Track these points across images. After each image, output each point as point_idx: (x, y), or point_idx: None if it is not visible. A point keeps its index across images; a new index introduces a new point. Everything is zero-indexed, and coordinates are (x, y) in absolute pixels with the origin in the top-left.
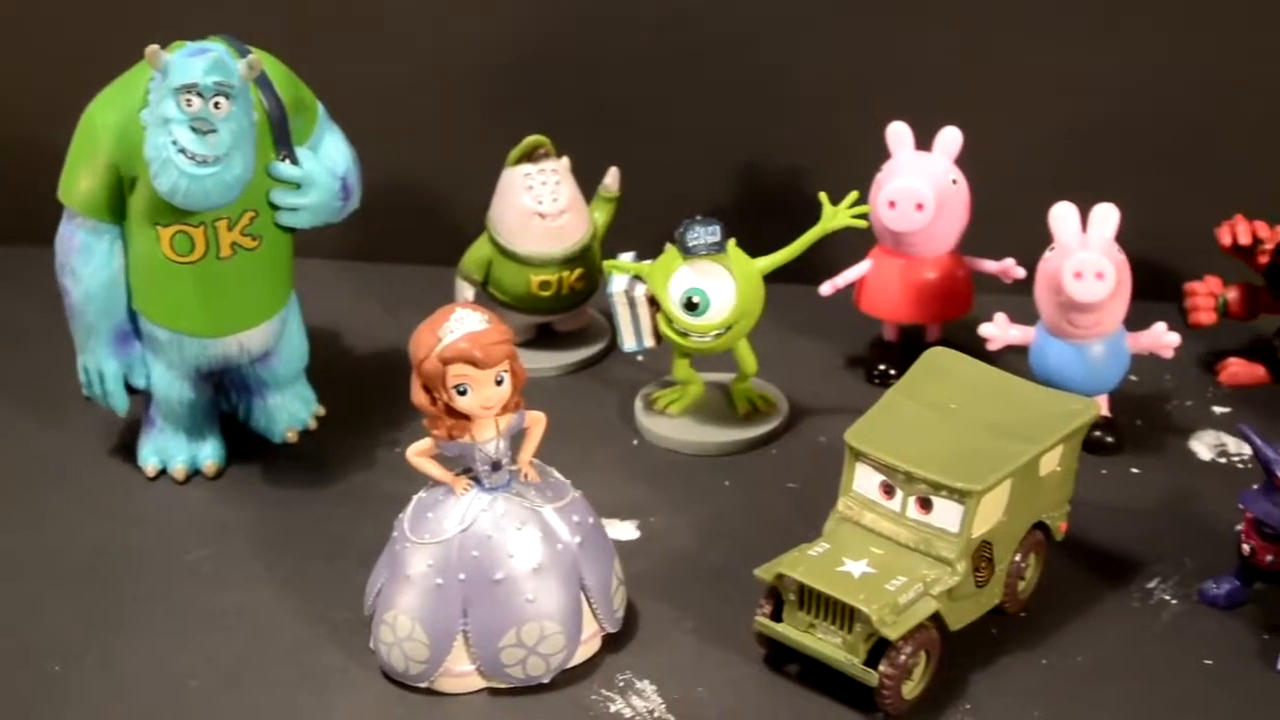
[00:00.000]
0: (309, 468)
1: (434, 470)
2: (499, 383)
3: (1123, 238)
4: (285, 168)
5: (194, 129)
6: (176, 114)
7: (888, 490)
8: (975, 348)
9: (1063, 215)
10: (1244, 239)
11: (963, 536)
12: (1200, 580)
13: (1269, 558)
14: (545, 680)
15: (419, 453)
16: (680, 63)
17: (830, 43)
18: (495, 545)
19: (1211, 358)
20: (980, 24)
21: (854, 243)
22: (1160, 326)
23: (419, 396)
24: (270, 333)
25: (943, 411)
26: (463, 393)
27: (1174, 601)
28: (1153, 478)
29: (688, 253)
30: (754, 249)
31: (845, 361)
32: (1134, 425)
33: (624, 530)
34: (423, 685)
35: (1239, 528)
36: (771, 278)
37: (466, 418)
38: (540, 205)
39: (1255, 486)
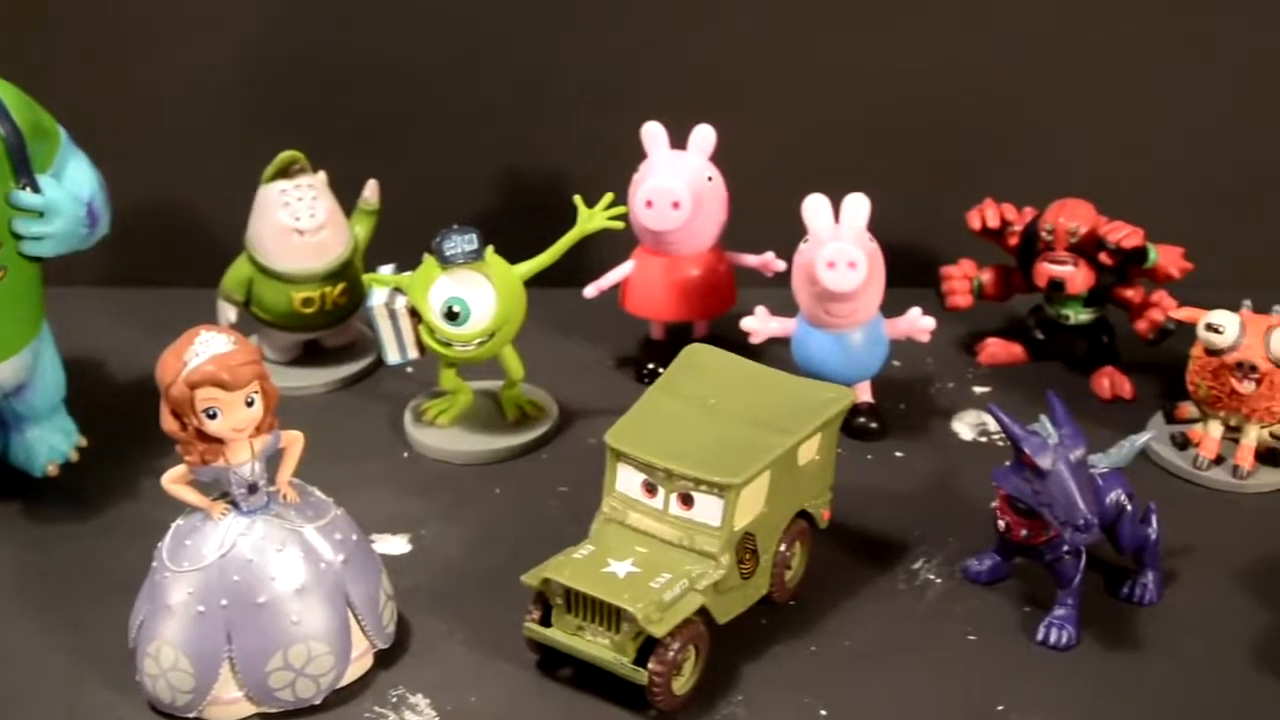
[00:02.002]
0: (72, 501)
1: (190, 497)
2: (250, 404)
3: (877, 226)
4: (26, 196)
5: None
6: None
7: (650, 489)
8: (742, 342)
9: (815, 207)
10: (993, 222)
11: (725, 530)
12: (963, 558)
13: (1023, 532)
14: (316, 701)
15: (173, 480)
16: (435, 71)
17: (583, 45)
18: (256, 569)
19: (970, 339)
20: (731, 22)
21: (618, 243)
22: (915, 311)
23: (168, 423)
24: (21, 366)
25: (701, 407)
26: (212, 416)
27: (938, 580)
28: (916, 460)
29: (446, 262)
30: (516, 255)
31: (615, 362)
32: (897, 409)
33: (395, 544)
34: (191, 715)
35: (994, 504)
36: (535, 282)
37: (219, 441)
38: (298, 221)
39: (1007, 464)
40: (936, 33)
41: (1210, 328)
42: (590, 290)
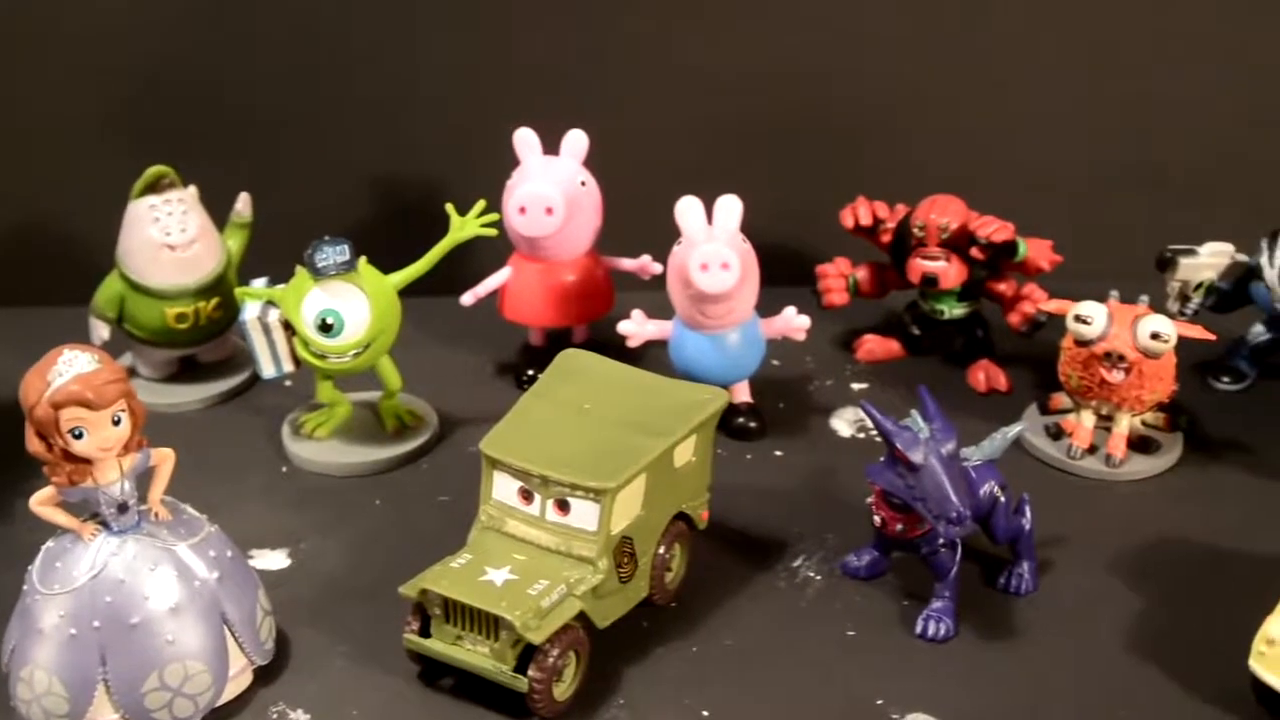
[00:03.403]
0: None
1: (60, 518)
2: (116, 423)
3: (751, 227)
4: None
5: None
6: None
7: (526, 495)
8: (621, 346)
9: (688, 209)
10: (866, 220)
11: (601, 534)
12: (843, 554)
13: (898, 527)
14: None
15: (41, 501)
16: (305, 81)
17: (454, 52)
18: (129, 589)
19: (848, 337)
20: (602, 26)
21: (495, 250)
22: (790, 310)
23: (34, 444)
24: None
25: (576, 412)
26: (78, 436)
27: (818, 577)
28: (796, 458)
29: (318, 274)
30: (391, 265)
31: (494, 369)
32: (777, 408)
33: (274, 559)
34: None
35: (870, 500)
36: (411, 291)
37: (86, 461)
38: (169, 237)
39: (881, 460)
40: (807, 33)
41: (1078, 319)
42: (467, 298)
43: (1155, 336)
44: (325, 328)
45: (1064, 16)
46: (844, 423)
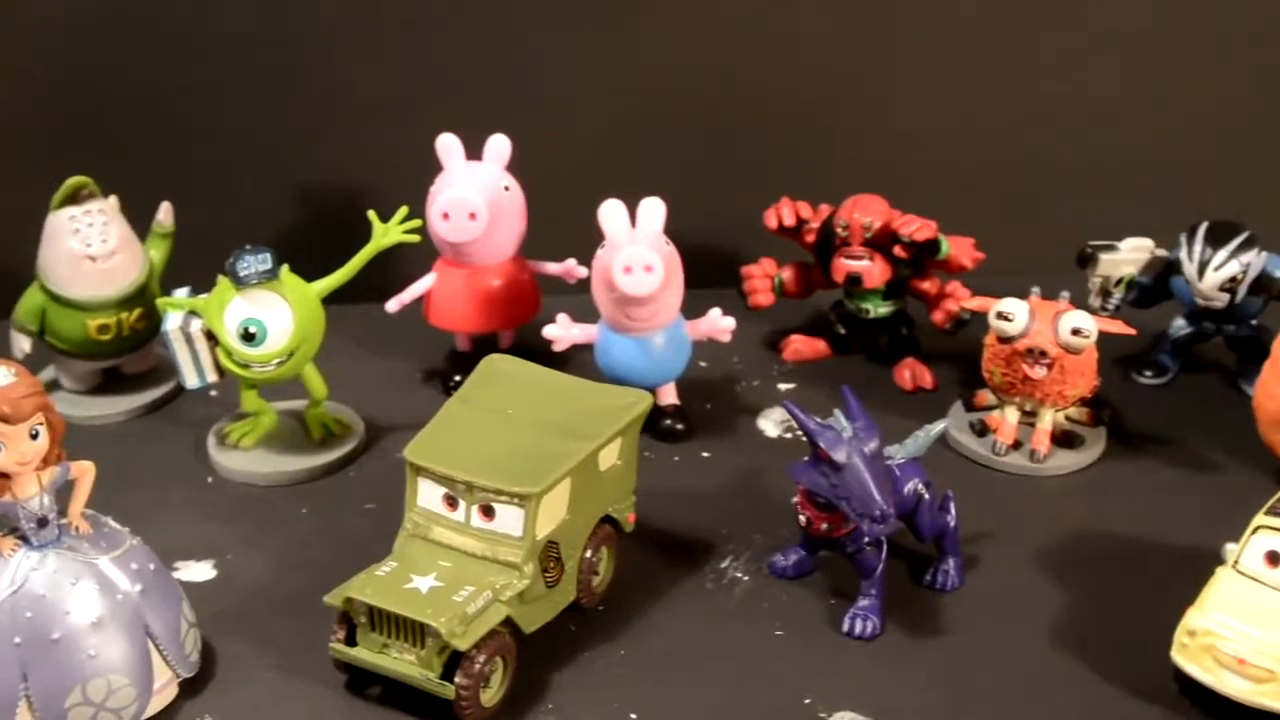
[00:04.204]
0: None
1: None
2: (34, 436)
3: (676, 229)
4: None
5: None
6: None
7: (451, 502)
8: (548, 350)
9: (611, 212)
10: (789, 220)
11: (527, 539)
12: (770, 555)
13: (824, 526)
14: None
15: None
16: (226, 90)
17: (375, 59)
18: (50, 604)
19: (775, 337)
20: (522, 31)
21: (420, 256)
22: (715, 312)
23: None
24: None
25: (500, 418)
26: None
27: (745, 578)
28: (723, 459)
29: (240, 283)
30: (316, 273)
31: (421, 376)
32: (704, 410)
33: (200, 571)
34: None
35: (795, 500)
36: (337, 299)
37: (4, 476)
38: (89, 248)
39: (805, 459)
40: (729, 33)
41: (1000, 316)
42: (392, 305)
43: (1076, 332)
44: (248, 337)
45: (984, 15)
46: (771, 423)
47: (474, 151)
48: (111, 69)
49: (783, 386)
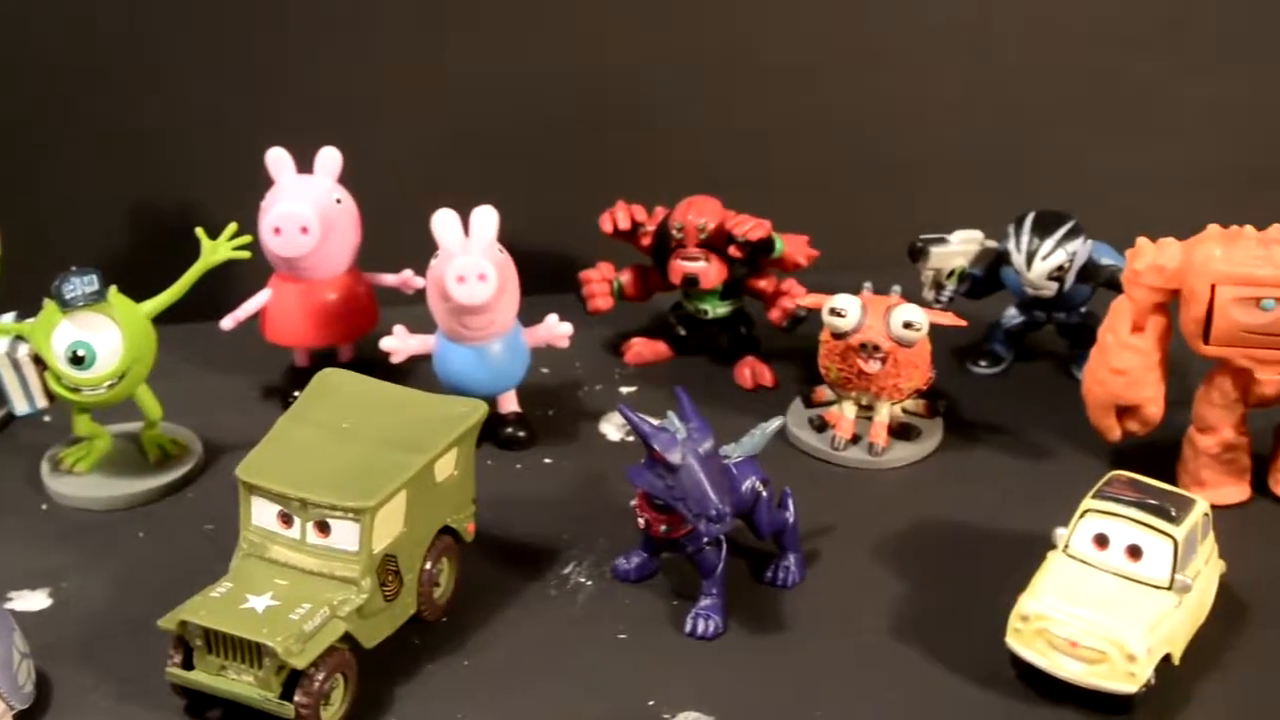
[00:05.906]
0: None
1: None
2: None
3: (511, 236)
4: None
5: None
6: None
7: (286, 519)
8: (387, 363)
9: (444, 221)
10: (624, 224)
11: (363, 554)
12: (613, 558)
13: (663, 527)
14: None
15: None
16: (47, 108)
17: (201, 73)
18: None
19: (616, 340)
20: (347, 40)
21: (256, 272)
22: (553, 318)
23: None
24: None
25: (334, 432)
26: None
27: (589, 583)
28: (566, 465)
29: (66, 306)
30: (146, 293)
31: (261, 393)
32: (546, 416)
33: (34, 600)
34: None
35: (633, 503)
36: (170, 318)
37: None
38: None
39: (641, 462)
40: (553, 33)
41: (833, 312)
42: (227, 322)
43: (908, 325)
44: (77, 360)
45: (813, 13)
46: (613, 427)
47: (305, 165)
48: None
49: (624, 390)
